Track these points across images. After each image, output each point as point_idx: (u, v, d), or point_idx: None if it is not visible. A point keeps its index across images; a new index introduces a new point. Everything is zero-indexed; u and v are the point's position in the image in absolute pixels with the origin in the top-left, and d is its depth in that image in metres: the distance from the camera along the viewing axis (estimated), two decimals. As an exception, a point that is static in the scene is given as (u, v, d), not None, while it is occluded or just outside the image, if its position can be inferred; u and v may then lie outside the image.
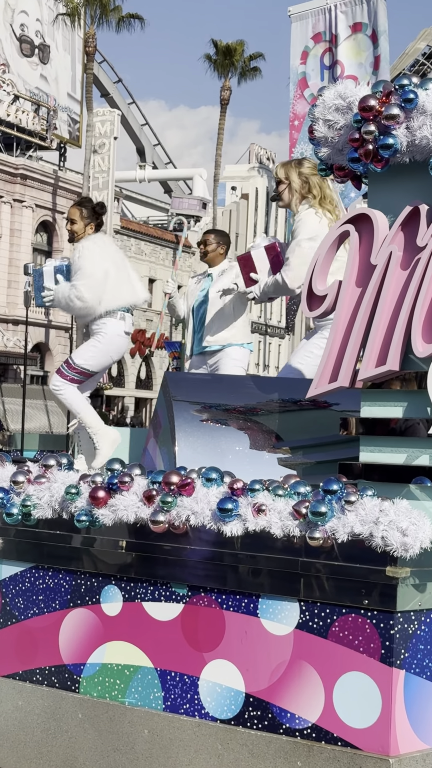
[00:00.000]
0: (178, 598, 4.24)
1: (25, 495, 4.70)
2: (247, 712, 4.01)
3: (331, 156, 4.40)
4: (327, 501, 3.81)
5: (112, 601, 4.44)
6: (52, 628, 4.65)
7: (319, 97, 4.36)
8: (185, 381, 5.74)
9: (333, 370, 4.31)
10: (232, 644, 4.07)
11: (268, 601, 3.99)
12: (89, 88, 44.72)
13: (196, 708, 4.15)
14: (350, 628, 3.78)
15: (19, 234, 42.93)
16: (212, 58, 48.62)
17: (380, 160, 4.17)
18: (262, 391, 5.40)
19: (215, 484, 4.17)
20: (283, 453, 5.08)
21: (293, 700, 3.90)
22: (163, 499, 4.18)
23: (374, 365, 4.16)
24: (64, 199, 45.03)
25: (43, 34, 47.34)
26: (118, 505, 4.33)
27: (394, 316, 4.14)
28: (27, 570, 4.77)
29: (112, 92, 56.88)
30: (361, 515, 3.73)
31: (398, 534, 3.63)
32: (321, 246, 4.42)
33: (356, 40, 9.21)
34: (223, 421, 5.14)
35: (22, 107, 44.54)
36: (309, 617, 3.88)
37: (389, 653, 3.70)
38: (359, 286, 4.28)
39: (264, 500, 3.97)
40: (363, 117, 4.15)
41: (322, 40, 9.47)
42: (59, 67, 48.35)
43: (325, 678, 3.83)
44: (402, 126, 4.11)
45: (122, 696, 4.38)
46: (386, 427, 4.22)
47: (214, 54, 48.54)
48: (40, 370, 43.79)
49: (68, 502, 4.52)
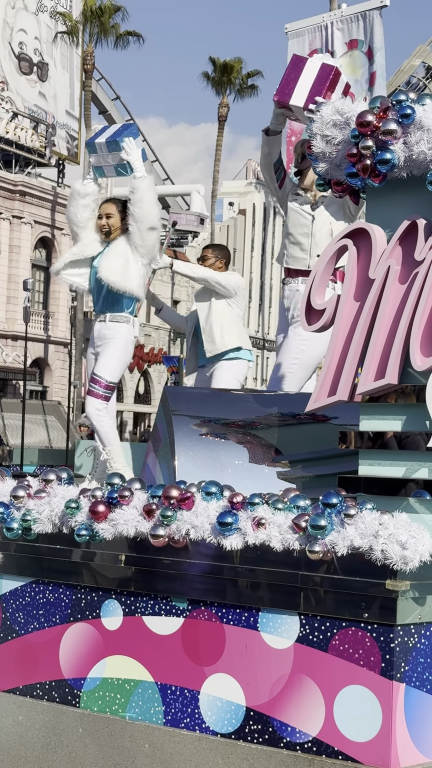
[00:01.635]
0: (178, 612, 4.22)
1: (25, 509, 4.68)
2: (248, 726, 3.99)
3: (329, 171, 4.40)
4: (326, 514, 3.80)
5: (113, 616, 4.43)
6: (52, 642, 4.63)
7: (317, 113, 4.37)
8: (185, 395, 5.74)
9: (332, 383, 4.30)
10: (232, 658, 4.05)
11: (268, 615, 3.97)
12: (87, 105, 44.84)
13: (197, 722, 4.13)
14: (350, 641, 3.77)
15: (18, 250, 42.96)
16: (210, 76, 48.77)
17: (378, 175, 4.18)
18: (261, 405, 5.40)
19: (215, 498, 4.16)
20: (283, 467, 5.07)
21: (294, 714, 3.88)
22: (163, 513, 4.17)
23: (373, 379, 4.16)
24: (62, 215, 44.97)
25: (41, 52, 47.47)
26: (118, 519, 4.32)
27: (393, 329, 4.14)
28: (27, 584, 4.76)
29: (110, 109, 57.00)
30: (361, 528, 3.72)
31: (398, 547, 3.62)
32: (320, 260, 4.43)
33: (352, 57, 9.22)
34: (222, 435, 5.14)
35: (20, 124, 44.63)
36: (309, 631, 3.86)
37: (389, 666, 3.68)
38: (358, 300, 4.28)
39: (264, 514, 3.96)
40: (361, 132, 4.16)
41: None
42: (58, 85, 48.46)
43: (325, 691, 3.81)
44: (399, 141, 4.11)
45: (123, 710, 4.36)
46: (385, 440, 4.21)
47: (212, 71, 48.69)
48: (39, 385, 43.76)
49: (68, 517, 4.51)
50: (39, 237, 44.52)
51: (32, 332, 40.08)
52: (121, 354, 6.56)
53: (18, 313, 39.62)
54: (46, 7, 47.39)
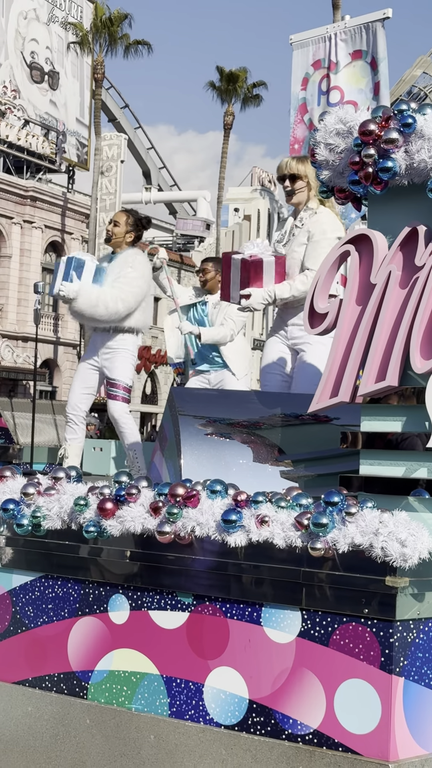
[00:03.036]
0: (183, 607, 4.23)
1: (35, 506, 4.69)
2: (251, 718, 4.00)
3: (332, 178, 4.41)
4: (328, 512, 3.80)
5: (120, 610, 4.43)
6: (61, 636, 4.64)
7: (320, 122, 4.38)
8: (191, 396, 5.74)
9: (334, 385, 4.31)
10: (236, 652, 4.06)
11: (270, 610, 3.98)
12: (97, 113, 44.89)
13: (201, 714, 4.14)
14: (351, 636, 3.77)
15: (29, 254, 43.00)
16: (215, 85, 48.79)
17: (379, 183, 4.18)
18: (266, 405, 5.40)
19: (220, 496, 4.16)
20: (286, 466, 5.07)
21: (295, 707, 3.89)
22: (169, 510, 4.18)
23: (374, 381, 4.16)
24: (72, 220, 45.13)
25: (52, 61, 47.52)
26: (125, 516, 4.32)
27: (393, 333, 4.14)
28: (37, 579, 4.76)
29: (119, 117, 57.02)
30: (362, 526, 3.72)
31: (397, 545, 3.62)
32: (322, 265, 4.43)
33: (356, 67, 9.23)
34: (227, 435, 5.14)
35: (32, 131, 44.69)
36: (310, 626, 3.87)
37: (389, 661, 3.68)
38: (359, 304, 4.28)
39: (267, 512, 3.96)
40: (363, 141, 4.16)
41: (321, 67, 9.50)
42: (68, 93, 48.51)
43: (326, 685, 3.82)
44: (401, 150, 4.12)
45: (129, 702, 4.37)
46: (386, 440, 4.21)
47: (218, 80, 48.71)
48: (48, 385, 43.79)
49: (77, 514, 4.51)
50: (49, 241, 44.56)
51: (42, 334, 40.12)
52: (132, 361, 6.68)
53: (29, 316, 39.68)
54: (57, 18, 47.47)
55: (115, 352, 6.73)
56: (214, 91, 48.84)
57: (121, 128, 55.42)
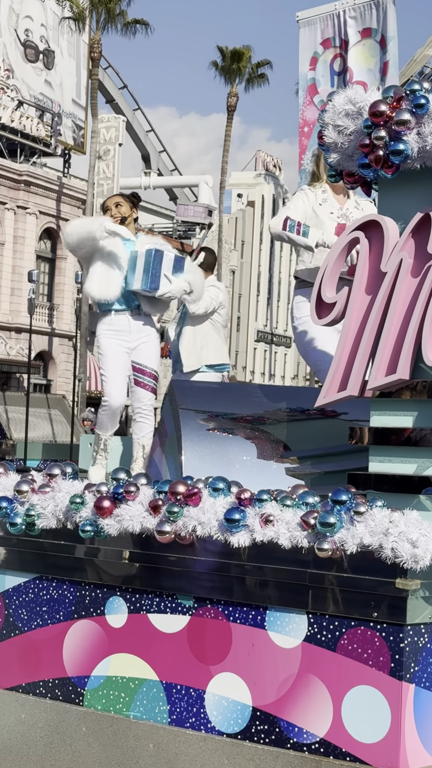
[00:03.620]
0: (184, 610, 4.23)
1: (29, 504, 4.69)
2: (254, 726, 4.00)
3: (341, 162, 4.40)
4: (336, 512, 3.80)
5: (117, 613, 4.43)
6: (55, 639, 4.64)
7: (329, 103, 4.36)
8: (192, 389, 5.74)
9: (342, 378, 4.30)
10: (239, 657, 4.06)
11: (275, 614, 3.97)
12: (94, 94, 44.81)
13: (202, 722, 4.14)
14: (359, 641, 3.77)
15: (23, 241, 42.97)
16: (218, 65, 48.75)
17: (390, 166, 4.17)
18: (270, 399, 5.40)
19: (222, 494, 4.16)
20: (291, 463, 5.07)
21: (301, 714, 3.88)
22: (170, 509, 4.17)
23: (384, 374, 4.15)
24: (68, 206, 45.09)
25: (47, 40, 47.45)
26: (123, 515, 4.32)
27: (405, 323, 4.13)
28: (31, 581, 4.76)
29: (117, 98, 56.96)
30: (371, 526, 3.72)
31: (408, 545, 3.62)
32: (330, 253, 4.42)
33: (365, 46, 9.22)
34: (230, 430, 5.14)
35: (26, 113, 44.62)
36: (317, 630, 3.86)
37: (399, 667, 3.68)
38: (369, 293, 4.27)
39: (272, 511, 3.96)
40: (373, 122, 4.15)
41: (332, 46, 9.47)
42: (64, 73, 48.44)
43: (333, 692, 3.81)
44: (413, 132, 4.11)
45: (127, 709, 4.37)
46: (396, 436, 4.21)
47: (221, 60, 48.67)
48: (43, 378, 43.79)
49: (73, 512, 4.51)
50: (44, 228, 44.54)
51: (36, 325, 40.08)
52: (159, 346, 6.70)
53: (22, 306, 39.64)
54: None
55: (148, 337, 6.72)
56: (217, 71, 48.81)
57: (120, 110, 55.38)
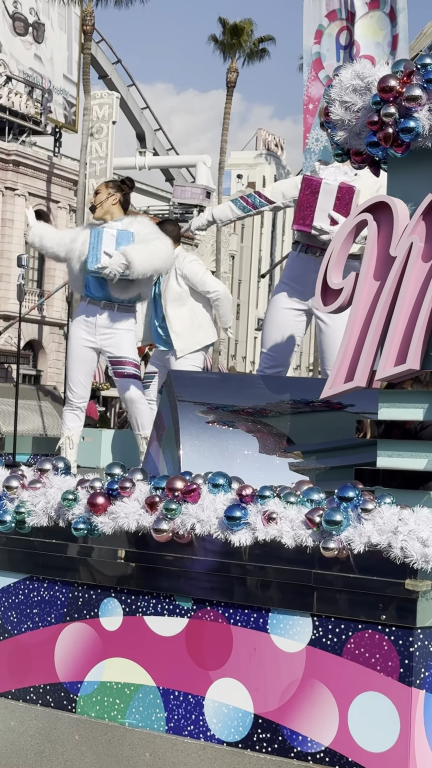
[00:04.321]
0: (182, 612, 4.23)
1: (18, 501, 4.69)
2: (256, 735, 4.00)
3: (348, 140, 4.39)
4: (342, 509, 3.80)
5: (112, 615, 4.44)
6: (47, 643, 4.64)
7: (335, 78, 4.35)
8: (190, 380, 5.73)
9: (349, 369, 4.30)
10: (239, 662, 4.06)
11: (278, 616, 3.98)
12: (86, 69, 44.71)
13: (201, 730, 4.14)
14: (366, 645, 3.77)
15: (11, 224, 42.95)
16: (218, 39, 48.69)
17: (400, 145, 4.16)
18: (273, 391, 5.40)
19: (222, 491, 4.16)
20: (295, 457, 5.07)
21: (305, 722, 3.89)
22: (167, 506, 4.17)
23: (393, 364, 4.15)
24: (59, 187, 45.07)
25: (37, 12, 47.37)
26: (118, 512, 4.32)
27: (415, 311, 4.13)
28: (21, 581, 4.77)
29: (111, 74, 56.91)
30: (379, 524, 3.72)
31: (419, 544, 3.62)
32: (337, 236, 4.41)
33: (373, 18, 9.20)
34: (230, 423, 5.14)
35: (15, 89, 44.57)
36: (322, 633, 3.87)
37: (408, 672, 3.68)
38: (377, 279, 4.27)
39: (275, 508, 3.96)
40: (382, 98, 4.14)
41: (338, 18, 9.45)
42: (54, 47, 48.38)
43: (339, 698, 3.82)
44: (424, 108, 4.10)
45: (122, 716, 4.38)
46: (405, 430, 4.20)
47: (221, 34, 48.60)
48: (33, 369, 43.82)
49: (65, 509, 4.51)
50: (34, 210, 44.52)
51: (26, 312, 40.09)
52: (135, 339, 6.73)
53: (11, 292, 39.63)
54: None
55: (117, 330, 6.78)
56: (216, 45, 48.73)
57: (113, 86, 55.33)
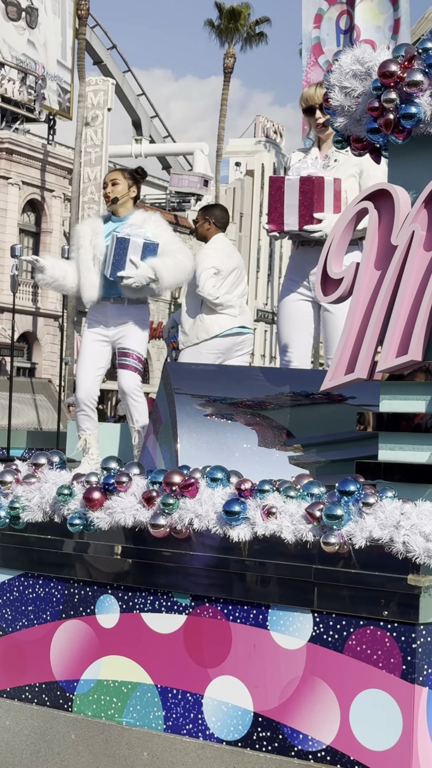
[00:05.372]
0: (180, 609, 4.23)
1: (13, 496, 4.69)
2: (256, 733, 4.01)
3: (348, 126, 4.38)
4: (343, 503, 3.80)
5: (108, 612, 4.44)
6: (42, 641, 4.65)
7: (335, 63, 4.34)
8: (188, 372, 5.73)
9: (349, 360, 4.30)
10: (239, 659, 4.06)
11: (278, 612, 3.98)
12: (81, 55, 44.68)
13: (200, 728, 4.15)
14: (368, 641, 3.77)
15: (4, 213, 42.92)
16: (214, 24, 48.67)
17: (402, 131, 4.16)
18: (272, 383, 5.39)
19: (221, 485, 4.16)
20: (295, 451, 5.07)
21: (306, 720, 3.89)
22: (164, 500, 4.17)
23: (395, 355, 4.15)
24: (53, 175, 45.01)
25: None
26: (114, 507, 4.32)
27: (417, 301, 4.13)
28: (15, 578, 4.77)
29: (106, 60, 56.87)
30: (381, 519, 3.72)
31: (421, 539, 3.62)
32: (337, 224, 4.41)
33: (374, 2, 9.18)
34: (229, 416, 5.14)
35: (7, 75, 44.51)
36: (323, 630, 3.87)
37: (411, 669, 3.69)
38: (378, 268, 4.26)
39: (274, 502, 3.96)
40: (383, 84, 4.14)
41: (338, 2, 9.43)
42: (48, 32, 48.27)
43: (340, 696, 3.82)
44: (426, 94, 4.09)
45: (119, 715, 4.38)
46: (408, 422, 4.20)
47: (217, 18, 48.58)
48: (27, 361, 43.80)
49: (60, 504, 4.51)
50: (27, 199, 44.46)
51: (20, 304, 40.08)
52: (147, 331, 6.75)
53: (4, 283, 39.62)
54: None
55: (129, 323, 6.79)
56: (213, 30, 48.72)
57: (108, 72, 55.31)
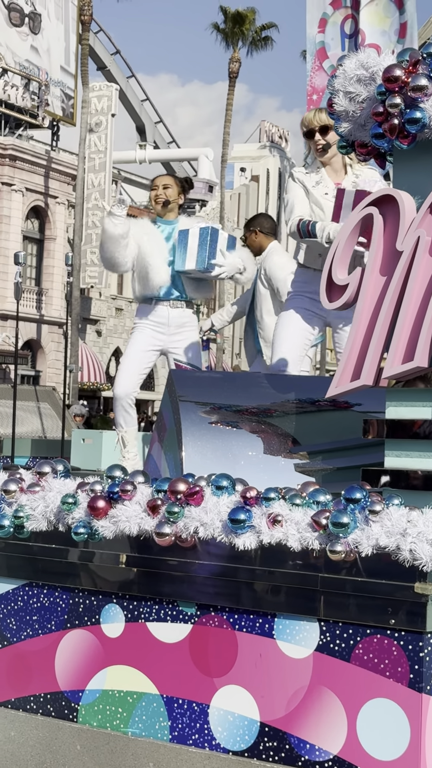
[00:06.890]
0: (185, 618, 4.24)
1: (17, 505, 4.69)
2: (262, 743, 4.01)
3: (353, 132, 4.39)
4: (349, 511, 3.80)
5: (113, 622, 4.44)
6: (47, 651, 4.65)
7: (339, 68, 4.36)
8: (192, 379, 5.74)
9: (355, 367, 4.30)
10: (245, 668, 4.07)
11: (284, 621, 3.98)
12: (84, 60, 44.75)
13: (206, 738, 4.15)
14: (375, 650, 3.77)
15: (8, 220, 42.95)
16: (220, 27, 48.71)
17: (406, 136, 4.17)
18: (277, 390, 5.40)
19: (226, 493, 4.16)
20: (301, 458, 5.08)
21: (313, 730, 3.89)
22: (169, 509, 4.18)
23: (401, 361, 4.15)
24: (57, 182, 45.04)
25: (33, 2, 47.33)
26: (119, 516, 4.33)
27: (423, 307, 4.13)
28: (20, 588, 4.77)
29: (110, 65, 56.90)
30: (387, 526, 3.72)
31: (428, 547, 3.62)
32: (342, 231, 4.42)
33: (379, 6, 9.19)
34: (234, 424, 5.14)
35: (11, 81, 44.55)
36: (330, 639, 3.87)
37: (418, 678, 3.69)
38: (384, 274, 4.27)
39: (280, 510, 3.97)
40: (388, 88, 4.14)
41: (342, 6, 9.45)
42: (51, 38, 48.33)
43: (347, 705, 3.82)
44: (431, 98, 4.10)
45: (125, 725, 4.38)
46: (414, 429, 4.21)
47: (222, 22, 48.63)
48: (31, 369, 43.79)
49: (65, 513, 4.51)
50: (31, 206, 44.49)
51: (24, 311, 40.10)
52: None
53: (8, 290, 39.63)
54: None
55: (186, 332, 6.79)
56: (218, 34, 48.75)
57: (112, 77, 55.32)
